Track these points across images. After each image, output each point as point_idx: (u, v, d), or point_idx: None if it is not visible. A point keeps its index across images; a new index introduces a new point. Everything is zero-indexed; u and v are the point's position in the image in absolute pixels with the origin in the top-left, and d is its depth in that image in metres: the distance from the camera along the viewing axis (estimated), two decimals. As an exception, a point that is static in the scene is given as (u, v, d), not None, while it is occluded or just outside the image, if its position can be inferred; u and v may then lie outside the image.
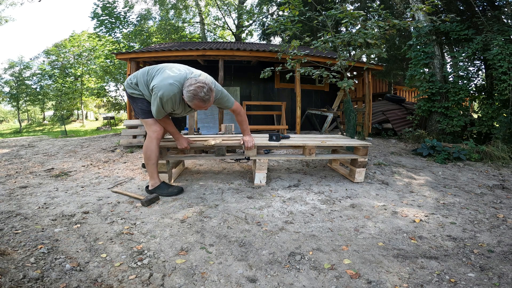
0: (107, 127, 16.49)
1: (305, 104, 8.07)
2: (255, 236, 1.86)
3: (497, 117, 4.93)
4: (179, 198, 2.48)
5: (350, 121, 4.18)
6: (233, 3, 17.48)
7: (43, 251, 1.58)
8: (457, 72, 5.53)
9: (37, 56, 21.77)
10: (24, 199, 2.44)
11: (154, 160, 2.48)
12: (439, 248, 1.75)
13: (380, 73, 9.12)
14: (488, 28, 5.28)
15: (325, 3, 9.80)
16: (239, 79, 8.10)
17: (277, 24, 4.91)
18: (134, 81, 2.41)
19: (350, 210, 2.32)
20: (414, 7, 4.63)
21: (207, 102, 2.17)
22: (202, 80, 2.13)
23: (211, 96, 2.18)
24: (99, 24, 12.76)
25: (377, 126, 7.25)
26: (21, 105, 20.35)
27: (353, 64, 5.10)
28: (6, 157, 4.34)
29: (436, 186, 2.98)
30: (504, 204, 2.50)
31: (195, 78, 2.15)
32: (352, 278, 1.44)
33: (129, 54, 6.43)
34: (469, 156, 4.12)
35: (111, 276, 1.42)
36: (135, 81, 2.41)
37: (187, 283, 1.39)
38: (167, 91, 2.13)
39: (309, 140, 3.07)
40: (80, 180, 3.06)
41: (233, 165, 3.62)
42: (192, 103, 2.16)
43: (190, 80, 2.14)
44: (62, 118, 15.70)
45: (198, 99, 2.12)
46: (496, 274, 1.47)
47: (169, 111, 2.33)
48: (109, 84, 18.68)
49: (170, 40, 15.19)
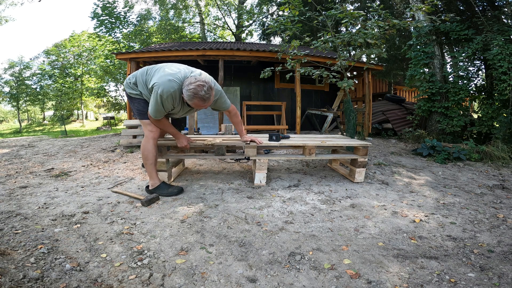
0: (107, 127, 16.50)
1: (305, 104, 8.07)
2: (255, 236, 1.86)
3: (497, 117, 4.93)
4: (179, 198, 2.48)
5: (350, 121, 4.18)
6: (233, 3, 17.48)
7: (43, 251, 1.58)
8: (457, 72, 5.53)
9: (37, 56, 21.84)
10: (24, 199, 2.44)
11: (151, 160, 2.47)
12: (439, 248, 1.75)
13: (380, 73, 9.12)
14: (488, 28, 5.28)
15: (325, 3, 9.80)
16: (239, 79, 8.10)
17: (277, 24, 4.91)
18: (133, 81, 2.39)
19: (350, 210, 2.32)
20: (414, 7, 4.63)
21: (207, 101, 2.16)
22: (202, 79, 2.13)
23: (211, 95, 2.17)
24: (99, 24, 12.78)
25: (377, 126, 7.25)
26: (21, 105, 20.37)
27: (353, 64, 5.10)
28: (6, 157, 4.34)
29: (436, 186, 2.98)
30: (504, 204, 2.50)
31: (195, 77, 2.14)
32: (352, 278, 1.44)
33: (129, 54, 6.43)
34: (469, 156, 4.12)
35: (111, 276, 1.42)
36: (133, 81, 2.39)
37: (187, 283, 1.39)
38: (167, 87, 2.12)
39: (309, 140, 3.07)
40: (80, 180, 3.06)
41: (233, 165, 3.62)
42: (192, 102, 2.15)
43: (190, 79, 2.13)
44: (62, 118, 15.72)
45: (198, 97, 2.11)
46: (496, 274, 1.47)
47: (168, 110, 2.31)
48: (109, 84, 18.71)
49: (170, 40, 15.19)
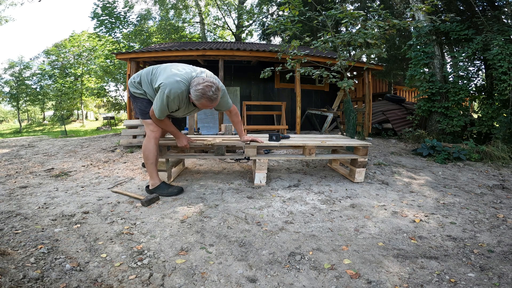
0: (107, 127, 16.50)
1: (305, 104, 8.07)
2: (255, 236, 1.86)
3: (497, 117, 4.93)
4: (179, 198, 2.48)
5: (350, 121, 4.18)
6: (233, 3, 17.48)
7: (43, 251, 1.58)
8: (457, 72, 5.53)
9: (37, 56, 21.84)
10: (24, 199, 2.44)
11: (152, 160, 2.47)
12: (439, 248, 1.75)
13: (380, 73, 9.12)
14: (488, 28, 5.28)
15: (325, 3, 9.80)
16: (239, 79, 8.11)
17: (277, 24, 4.91)
18: (138, 80, 2.41)
19: (350, 210, 2.32)
20: (414, 7, 4.63)
21: (214, 101, 2.18)
22: (210, 80, 2.14)
23: (219, 96, 2.19)
24: (99, 24, 12.78)
25: (377, 126, 7.25)
26: (21, 105, 20.36)
27: (353, 64, 5.10)
28: (6, 157, 4.34)
29: (436, 186, 2.97)
30: (504, 204, 2.50)
31: (203, 78, 2.15)
32: (352, 278, 1.44)
33: (129, 54, 6.43)
34: (469, 156, 4.12)
35: (111, 276, 1.42)
36: (138, 80, 2.41)
37: (187, 283, 1.39)
38: (174, 88, 2.13)
39: (309, 140, 3.06)
40: (80, 180, 3.06)
41: (233, 165, 3.62)
42: (200, 102, 2.16)
43: (197, 79, 2.14)
44: (62, 118, 15.71)
45: (206, 98, 2.13)
46: (496, 274, 1.47)
47: (173, 110, 2.32)
48: (109, 84, 18.69)
49: (170, 40, 15.19)
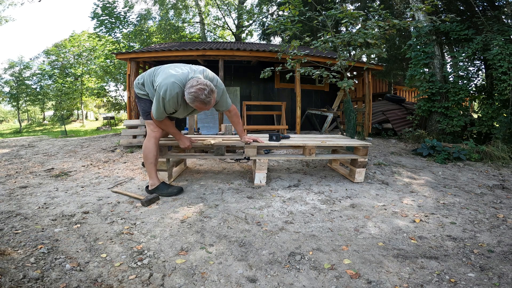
0: (107, 127, 16.49)
1: (305, 104, 8.06)
2: (255, 236, 1.86)
3: (497, 117, 4.93)
4: (179, 198, 2.48)
5: (350, 121, 4.18)
6: (233, 3, 17.47)
7: (43, 251, 1.58)
8: (457, 72, 5.53)
9: (37, 56, 21.79)
10: (24, 199, 2.44)
11: (152, 160, 2.47)
12: (439, 248, 1.75)
13: (380, 73, 9.12)
14: (488, 28, 5.28)
15: (325, 3, 9.80)
16: (239, 79, 8.10)
17: (277, 24, 4.91)
18: (141, 81, 2.46)
19: (350, 210, 2.32)
20: (414, 7, 4.63)
21: (208, 104, 2.16)
22: (204, 82, 2.12)
23: (212, 98, 2.17)
24: (99, 24, 12.79)
25: (377, 126, 7.25)
26: (21, 105, 20.34)
27: (353, 64, 5.10)
28: (6, 157, 4.34)
29: (436, 186, 2.97)
30: (504, 204, 2.50)
31: (197, 79, 2.13)
32: (352, 278, 1.44)
33: (129, 54, 6.43)
34: (469, 156, 4.12)
35: (111, 276, 1.42)
36: (141, 81, 2.46)
37: (187, 283, 1.39)
38: (169, 89, 2.13)
39: (309, 140, 3.06)
40: (80, 180, 3.06)
41: (233, 165, 3.62)
42: (193, 104, 2.16)
43: (191, 81, 2.13)
44: (62, 118, 15.71)
45: (199, 101, 2.11)
46: (496, 274, 1.47)
47: (170, 112, 2.32)
48: (109, 84, 18.66)
49: (170, 40, 15.18)
